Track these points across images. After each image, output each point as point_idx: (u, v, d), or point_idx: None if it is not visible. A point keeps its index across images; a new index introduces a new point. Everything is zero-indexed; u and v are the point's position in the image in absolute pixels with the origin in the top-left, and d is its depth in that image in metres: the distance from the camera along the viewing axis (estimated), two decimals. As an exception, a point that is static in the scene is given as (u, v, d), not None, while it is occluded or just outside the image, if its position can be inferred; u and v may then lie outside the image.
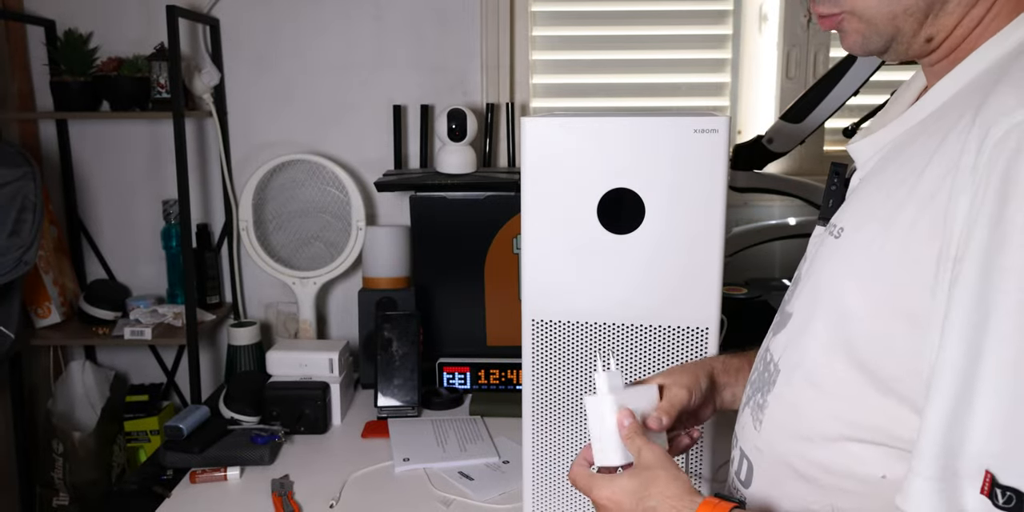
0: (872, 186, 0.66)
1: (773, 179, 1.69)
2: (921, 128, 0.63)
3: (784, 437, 0.69)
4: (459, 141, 1.72)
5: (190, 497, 1.25)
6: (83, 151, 1.90)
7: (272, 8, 1.83)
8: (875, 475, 0.62)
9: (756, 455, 0.73)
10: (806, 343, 0.67)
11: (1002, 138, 0.52)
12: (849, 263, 0.64)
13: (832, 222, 0.70)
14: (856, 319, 0.62)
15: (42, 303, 1.77)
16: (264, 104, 1.87)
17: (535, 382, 1.03)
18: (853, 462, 0.64)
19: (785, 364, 0.70)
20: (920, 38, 0.65)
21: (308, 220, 1.84)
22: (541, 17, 1.85)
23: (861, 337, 0.62)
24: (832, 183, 0.75)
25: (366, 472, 1.32)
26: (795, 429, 0.68)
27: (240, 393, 1.51)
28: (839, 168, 0.75)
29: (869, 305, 0.61)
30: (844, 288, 0.64)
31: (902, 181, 0.60)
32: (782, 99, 1.83)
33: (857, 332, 0.62)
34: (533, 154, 0.98)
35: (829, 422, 0.65)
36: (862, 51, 0.68)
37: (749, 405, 0.76)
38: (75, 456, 1.79)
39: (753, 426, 0.73)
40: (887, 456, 0.61)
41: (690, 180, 0.96)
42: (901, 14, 0.64)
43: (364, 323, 1.72)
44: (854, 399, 0.62)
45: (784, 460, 0.69)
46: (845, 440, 0.64)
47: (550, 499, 1.07)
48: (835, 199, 0.73)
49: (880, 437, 0.62)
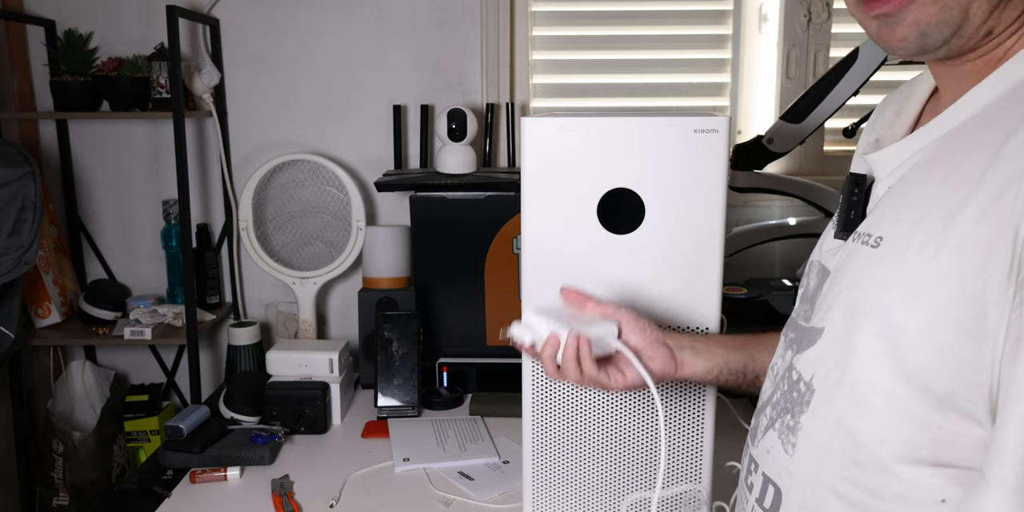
0: (913, 194, 0.62)
1: (773, 179, 1.69)
2: (968, 131, 0.60)
3: (826, 460, 0.65)
4: (459, 141, 1.72)
5: (190, 497, 1.25)
6: (83, 151, 1.90)
7: (272, 8, 1.83)
8: (932, 499, 0.59)
9: (787, 480, 0.69)
10: (848, 360, 0.63)
11: None
12: (895, 274, 0.61)
13: (862, 231, 0.67)
14: (906, 332, 0.59)
15: (42, 303, 1.77)
16: (264, 104, 1.88)
17: (535, 382, 1.03)
18: (907, 487, 0.60)
19: (822, 383, 0.67)
20: (983, 30, 0.61)
21: (308, 220, 1.84)
22: (541, 17, 1.85)
23: (913, 351, 0.58)
24: (853, 194, 0.72)
25: (366, 472, 1.32)
26: (840, 451, 0.64)
27: (240, 393, 1.51)
28: (859, 178, 0.72)
29: (922, 317, 0.58)
30: (890, 300, 0.60)
31: (955, 188, 0.57)
32: (782, 99, 1.83)
33: (908, 346, 0.59)
34: (533, 154, 0.98)
35: (878, 443, 0.61)
36: (916, 47, 0.63)
37: (775, 428, 0.72)
38: (75, 456, 1.79)
39: (784, 450, 0.70)
40: (947, 479, 0.58)
41: (690, 180, 0.96)
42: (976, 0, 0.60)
43: (364, 323, 1.72)
44: (907, 417, 0.59)
45: (826, 484, 0.65)
46: (898, 462, 0.60)
47: (550, 499, 1.07)
48: (856, 211, 0.70)
49: (939, 457, 0.58)
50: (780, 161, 1.74)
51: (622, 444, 1.03)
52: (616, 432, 1.02)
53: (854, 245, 0.67)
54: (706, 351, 0.89)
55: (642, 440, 1.02)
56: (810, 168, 1.86)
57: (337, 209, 1.83)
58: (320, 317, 1.94)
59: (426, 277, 1.73)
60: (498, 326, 1.72)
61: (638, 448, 1.03)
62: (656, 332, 0.87)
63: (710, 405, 1.01)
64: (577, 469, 1.04)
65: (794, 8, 1.80)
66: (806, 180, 1.70)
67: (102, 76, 1.75)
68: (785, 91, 1.83)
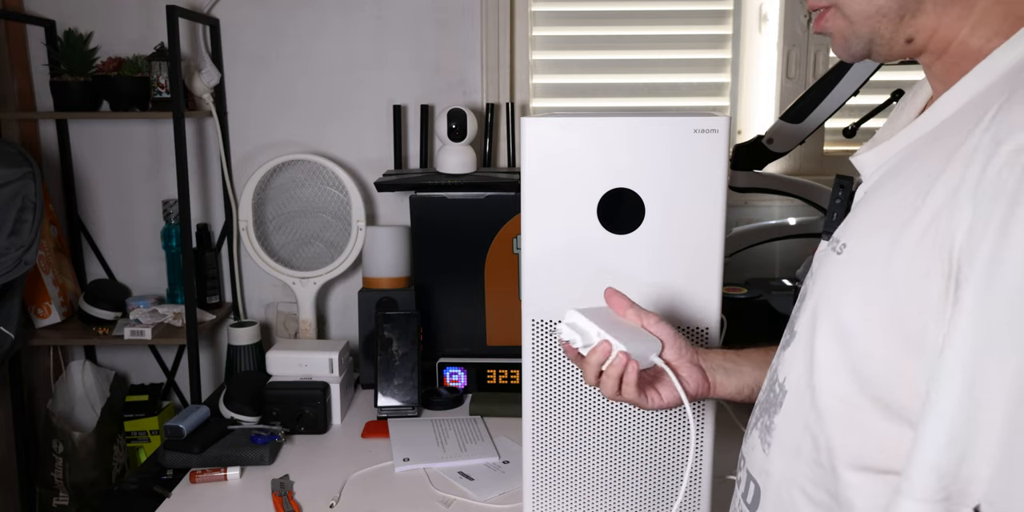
0: (876, 200, 0.63)
1: (773, 179, 1.69)
2: (929, 140, 0.61)
3: (796, 461, 0.66)
4: (459, 141, 1.72)
5: (190, 497, 1.24)
6: (83, 151, 1.90)
7: (272, 8, 1.83)
8: (879, 506, 0.58)
9: (764, 478, 0.70)
10: (812, 365, 0.65)
11: (1011, 157, 0.49)
12: (851, 281, 0.61)
13: (835, 237, 0.67)
14: (858, 340, 0.60)
15: (42, 303, 1.77)
16: (264, 104, 1.88)
17: (535, 382, 1.03)
18: (854, 493, 0.60)
19: (792, 385, 0.68)
20: (899, 39, 0.63)
21: (308, 220, 1.84)
22: (541, 17, 1.85)
23: (864, 359, 0.59)
24: (837, 196, 0.72)
25: (366, 472, 1.32)
26: (807, 453, 0.65)
27: (240, 393, 1.51)
28: (844, 181, 0.72)
29: (872, 325, 0.58)
30: (845, 307, 0.61)
31: (908, 196, 0.57)
32: (782, 99, 1.83)
33: (859, 354, 0.59)
34: (533, 154, 0.98)
35: (833, 448, 0.62)
36: (847, 55, 0.67)
37: (757, 427, 0.73)
38: (75, 456, 1.79)
39: (762, 448, 0.71)
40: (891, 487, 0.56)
41: (690, 180, 0.96)
42: (875, 14, 0.62)
43: (364, 323, 1.72)
44: (859, 424, 0.60)
45: (797, 484, 0.66)
46: (847, 468, 0.61)
47: (550, 499, 1.07)
48: (839, 213, 0.71)
49: (888, 465, 0.58)
50: (780, 161, 1.74)
51: (622, 444, 1.03)
52: (616, 432, 1.03)
53: (827, 250, 0.68)
54: (736, 371, 0.88)
55: (642, 440, 1.02)
56: (810, 168, 1.86)
57: (337, 209, 1.83)
58: (320, 317, 1.94)
59: (426, 277, 1.73)
60: (498, 326, 1.73)
61: (638, 448, 1.03)
62: (691, 352, 0.86)
63: (710, 408, 1.01)
64: (577, 469, 1.04)
65: (794, 8, 1.80)
66: (806, 180, 1.70)
67: (102, 76, 1.75)
68: (785, 91, 1.83)
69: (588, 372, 0.83)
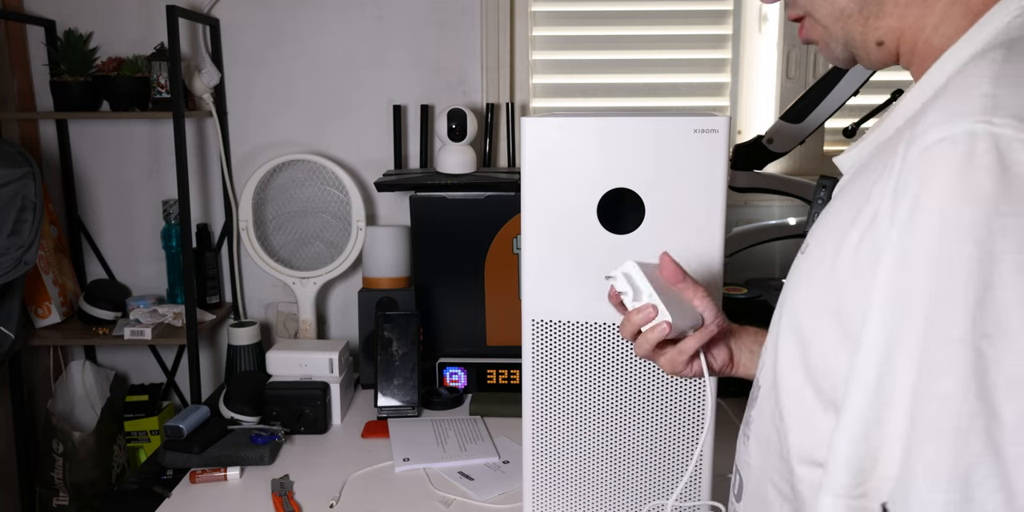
0: (836, 202, 0.64)
1: (773, 179, 1.69)
2: (888, 142, 0.61)
3: (767, 454, 0.68)
4: (459, 141, 1.72)
5: (190, 497, 1.25)
6: (83, 151, 1.90)
7: (272, 8, 1.83)
8: None
9: (746, 471, 0.73)
10: (776, 362, 0.66)
11: (917, 157, 0.50)
12: (806, 282, 0.63)
13: (807, 237, 0.68)
14: (811, 341, 0.61)
15: (42, 303, 1.77)
16: (264, 104, 1.88)
17: (535, 382, 1.03)
18: (804, 487, 0.62)
19: (763, 381, 0.70)
20: (871, 42, 0.63)
21: (308, 220, 1.85)
22: (541, 17, 1.85)
23: (815, 358, 0.61)
24: (818, 196, 0.73)
25: (366, 472, 1.32)
26: (774, 447, 0.67)
27: (240, 393, 1.51)
28: (826, 181, 0.73)
29: (819, 325, 0.60)
30: (800, 305, 0.63)
31: (856, 199, 0.58)
32: (782, 99, 1.83)
33: (811, 354, 0.61)
34: (533, 154, 0.98)
35: (788, 443, 0.64)
36: (835, 60, 0.67)
37: (744, 420, 0.76)
38: (75, 456, 1.79)
39: (744, 441, 0.73)
40: None
41: (690, 180, 0.96)
42: (840, 16, 0.63)
43: (364, 323, 1.72)
44: (810, 420, 0.62)
45: (768, 477, 0.68)
46: (799, 462, 0.63)
47: (550, 499, 1.07)
48: (818, 213, 0.72)
49: None
50: (780, 161, 1.74)
51: (622, 444, 1.03)
52: (616, 432, 1.03)
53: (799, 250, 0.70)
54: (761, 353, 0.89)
55: (642, 440, 1.02)
56: (810, 168, 1.86)
57: (337, 209, 1.83)
58: (320, 317, 1.94)
59: (426, 277, 1.73)
60: (498, 326, 1.73)
61: (638, 448, 1.03)
62: (727, 332, 0.88)
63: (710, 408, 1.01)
64: (577, 469, 1.04)
65: (794, 8, 1.80)
66: (806, 180, 1.69)
67: (102, 76, 1.75)
68: (785, 91, 1.83)
69: (627, 328, 0.84)
